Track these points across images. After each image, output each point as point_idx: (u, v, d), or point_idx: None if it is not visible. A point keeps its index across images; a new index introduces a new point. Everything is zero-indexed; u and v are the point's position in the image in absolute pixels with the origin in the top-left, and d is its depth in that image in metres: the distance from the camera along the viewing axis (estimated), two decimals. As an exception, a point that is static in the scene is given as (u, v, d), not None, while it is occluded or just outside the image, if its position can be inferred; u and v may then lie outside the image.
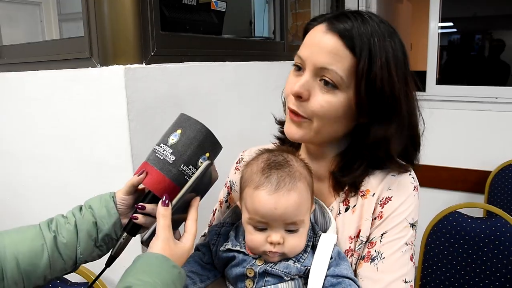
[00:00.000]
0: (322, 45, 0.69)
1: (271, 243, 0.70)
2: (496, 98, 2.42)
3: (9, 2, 2.62)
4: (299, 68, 0.73)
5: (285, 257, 0.72)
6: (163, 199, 0.67)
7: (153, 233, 0.68)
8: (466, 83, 3.27)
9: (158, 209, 0.67)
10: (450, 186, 2.52)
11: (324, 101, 0.70)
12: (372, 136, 0.72)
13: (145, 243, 0.69)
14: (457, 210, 1.51)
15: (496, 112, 2.42)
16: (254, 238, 0.72)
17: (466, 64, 4.14)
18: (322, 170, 0.82)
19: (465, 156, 2.49)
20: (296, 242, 0.71)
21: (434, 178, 2.50)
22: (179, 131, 0.71)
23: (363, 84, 0.68)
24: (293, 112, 0.74)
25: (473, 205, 1.60)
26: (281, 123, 0.88)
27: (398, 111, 0.71)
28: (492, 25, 4.43)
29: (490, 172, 2.29)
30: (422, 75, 2.66)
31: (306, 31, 0.75)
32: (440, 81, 2.64)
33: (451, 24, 4.43)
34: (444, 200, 2.33)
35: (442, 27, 2.65)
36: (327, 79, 0.69)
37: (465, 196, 2.49)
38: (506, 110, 2.40)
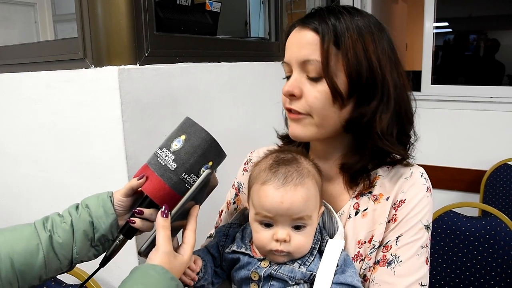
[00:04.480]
0: (298, 42, 0.73)
1: (277, 241, 0.68)
2: (491, 97, 2.43)
3: (3, 3, 2.60)
4: (289, 77, 0.76)
5: (291, 258, 0.71)
6: (163, 210, 0.66)
7: (151, 244, 0.66)
8: (461, 83, 3.29)
9: (158, 220, 0.66)
10: (446, 185, 2.52)
11: (316, 92, 0.71)
12: (359, 114, 0.72)
13: (143, 253, 0.67)
14: (453, 209, 1.51)
15: (491, 111, 2.43)
16: (260, 236, 0.70)
17: (461, 64, 4.15)
18: (333, 171, 0.81)
19: (460, 155, 2.50)
20: (302, 241, 0.69)
21: (430, 177, 2.46)
22: (183, 137, 0.69)
23: (341, 61, 0.69)
24: (290, 110, 0.75)
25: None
26: (282, 137, 0.90)
27: (378, 85, 0.71)
28: (487, 25, 4.44)
29: (485, 171, 2.30)
30: (417, 75, 2.66)
31: (287, 37, 0.77)
32: (435, 81, 2.65)
33: (446, 24, 4.44)
34: (439, 199, 2.33)
35: (437, 27, 2.66)
36: (312, 70, 0.71)
37: (460, 196, 2.50)
38: (501, 110, 2.41)
